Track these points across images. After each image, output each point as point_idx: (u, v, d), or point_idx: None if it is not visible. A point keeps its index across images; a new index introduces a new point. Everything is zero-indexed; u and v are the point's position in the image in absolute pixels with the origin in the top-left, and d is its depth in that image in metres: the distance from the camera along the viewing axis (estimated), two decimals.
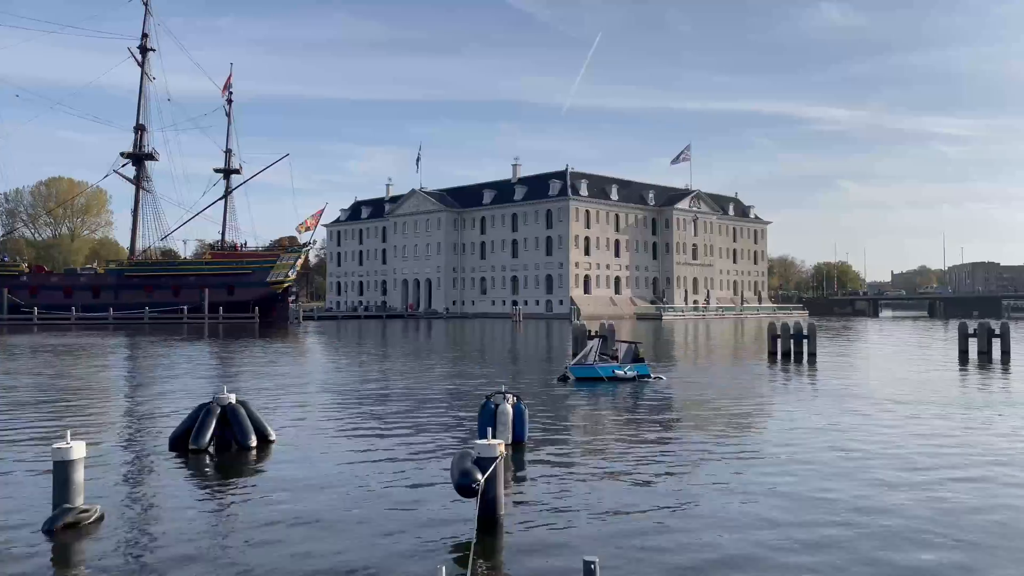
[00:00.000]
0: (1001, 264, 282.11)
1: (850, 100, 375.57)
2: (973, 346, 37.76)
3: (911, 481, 11.82)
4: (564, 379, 25.73)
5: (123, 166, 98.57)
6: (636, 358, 26.88)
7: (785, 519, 9.83)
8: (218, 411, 14.39)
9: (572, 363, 26.97)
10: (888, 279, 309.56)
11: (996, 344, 37.18)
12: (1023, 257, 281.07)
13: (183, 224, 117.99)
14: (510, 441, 14.07)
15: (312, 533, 9.29)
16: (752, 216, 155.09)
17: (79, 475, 9.67)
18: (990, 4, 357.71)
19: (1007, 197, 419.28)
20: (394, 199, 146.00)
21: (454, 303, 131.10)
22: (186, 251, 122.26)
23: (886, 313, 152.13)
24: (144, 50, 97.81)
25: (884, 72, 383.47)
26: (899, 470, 12.57)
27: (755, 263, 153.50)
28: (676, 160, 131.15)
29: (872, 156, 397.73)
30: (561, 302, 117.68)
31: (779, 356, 35.70)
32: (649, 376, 26.10)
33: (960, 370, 30.75)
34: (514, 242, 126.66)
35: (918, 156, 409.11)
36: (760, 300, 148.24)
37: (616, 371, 25.70)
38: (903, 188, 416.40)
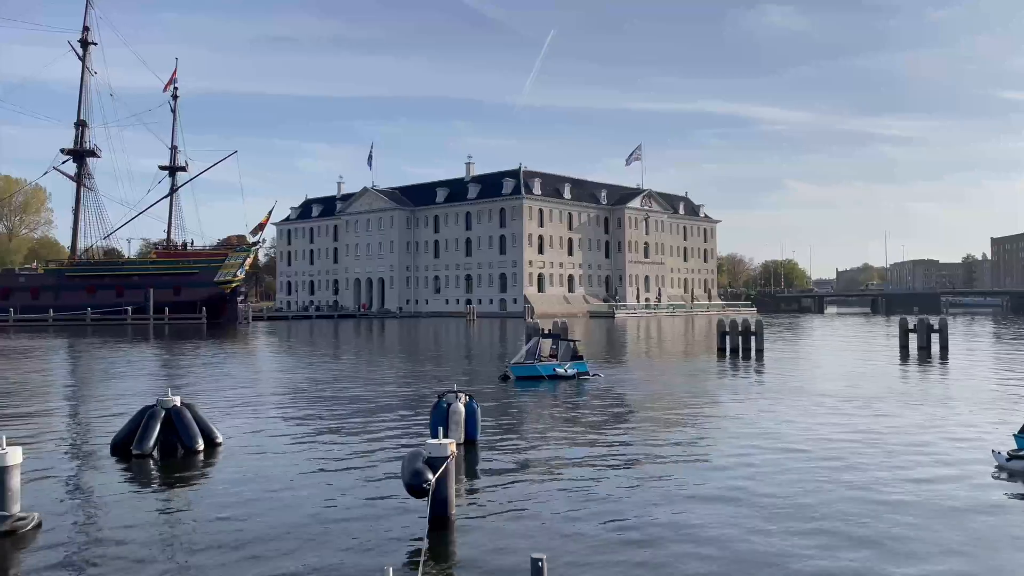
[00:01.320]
0: (940, 262, 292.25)
1: (797, 102, 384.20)
2: (913, 341, 38.96)
3: (854, 474, 12.15)
4: (505, 378, 25.78)
5: (64, 163, 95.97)
6: (575, 356, 27.14)
7: (730, 516, 10.02)
8: (162, 414, 14.06)
9: (512, 362, 27.10)
10: (833, 276, 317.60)
11: (935, 339, 38.42)
12: (960, 255, 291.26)
13: (127, 223, 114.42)
14: (462, 440, 14.06)
15: (260, 536, 9.14)
16: (702, 215, 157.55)
17: (15, 481, 9.37)
18: (928, 9, 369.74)
19: (947, 197, 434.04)
20: (346, 197, 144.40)
21: (407, 302, 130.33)
22: (130, 250, 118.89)
23: (831, 310, 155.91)
24: (85, 44, 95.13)
25: (830, 74, 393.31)
26: (843, 466, 12.90)
27: (705, 261, 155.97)
28: (629, 160, 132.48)
29: (818, 157, 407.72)
30: (515, 300, 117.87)
31: (728, 352, 36.35)
32: (588, 373, 26.40)
33: (901, 365, 31.68)
34: (467, 241, 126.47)
35: (862, 157, 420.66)
36: (710, 298, 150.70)
37: (556, 369, 25.90)
38: (847, 188, 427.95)
